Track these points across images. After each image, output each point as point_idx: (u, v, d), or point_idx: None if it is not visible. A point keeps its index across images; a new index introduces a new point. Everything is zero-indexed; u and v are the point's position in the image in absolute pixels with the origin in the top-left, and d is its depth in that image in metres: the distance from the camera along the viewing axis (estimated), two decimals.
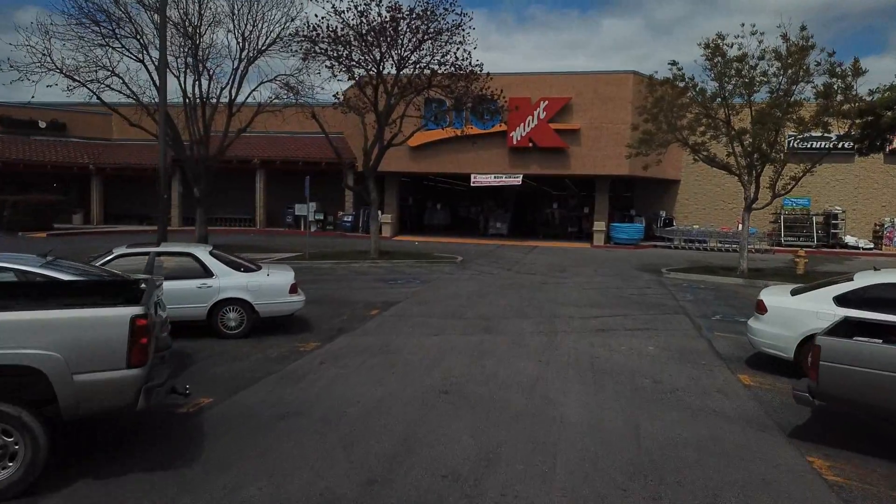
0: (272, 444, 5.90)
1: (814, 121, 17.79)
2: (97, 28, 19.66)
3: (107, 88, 21.27)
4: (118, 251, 9.85)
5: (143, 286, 6.22)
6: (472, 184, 30.49)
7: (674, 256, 26.11)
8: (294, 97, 23.21)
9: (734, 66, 18.01)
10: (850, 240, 30.32)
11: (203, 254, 10.10)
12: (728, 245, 29.36)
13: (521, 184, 30.63)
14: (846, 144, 24.51)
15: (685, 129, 19.45)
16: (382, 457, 5.67)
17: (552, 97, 28.71)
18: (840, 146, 20.49)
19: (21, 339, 4.66)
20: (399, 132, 21.47)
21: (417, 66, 20.67)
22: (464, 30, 20.27)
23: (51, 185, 35.67)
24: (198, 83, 21.91)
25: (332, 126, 28.50)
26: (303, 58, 20.53)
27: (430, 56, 20.56)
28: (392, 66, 20.74)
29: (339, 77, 19.92)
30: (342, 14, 19.60)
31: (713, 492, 5.17)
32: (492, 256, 24.27)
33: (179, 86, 22.24)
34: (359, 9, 19.44)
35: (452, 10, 20.13)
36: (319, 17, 19.38)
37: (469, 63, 20.55)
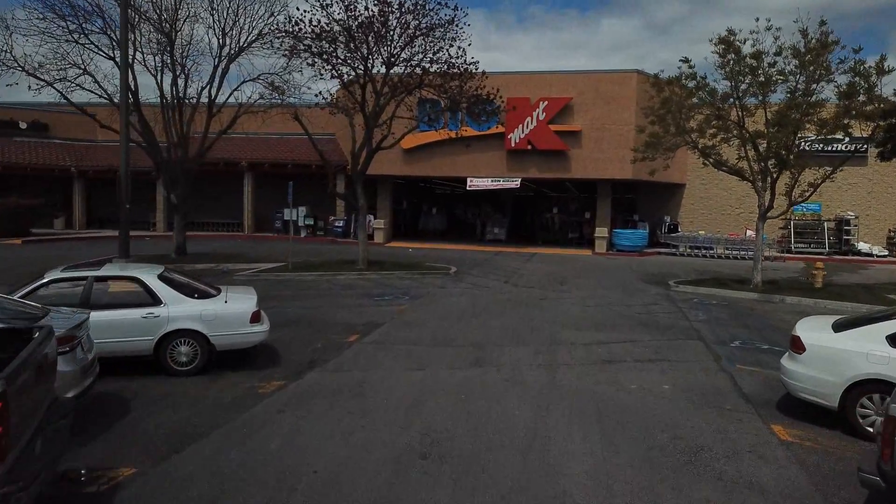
0: None
1: (834, 123, 16.48)
2: (63, 23, 18.34)
3: (78, 88, 19.98)
4: (50, 275, 8.53)
5: (36, 334, 4.92)
6: (469, 188, 29.18)
7: (680, 265, 24.80)
8: (279, 97, 21.93)
9: (749, 64, 16.68)
10: (864, 246, 28.99)
11: (150, 278, 8.77)
12: (736, 252, 28.06)
13: (520, 187, 29.32)
14: (860, 146, 23.26)
15: (694, 132, 18.15)
16: None
17: (552, 97, 27.39)
18: (854, 149, 19.14)
19: None
20: (390, 134, 20.16)
21: (409, 65, 19.36)
22: (458, 26, 18.98)
23: (31, 188, 34.33)
24: (175, 83, 20.60)
25: (323, 127, 27.23)
26: (285, 55, 19.25)
27: (423, 54, 19.28)
28: (381, 65, 19.43)
29: (323, 76, 18.59)
30: (327, 8, 18.30)
31: None
32: (488, 266, 22.95)
33: (157, 85, 20.99)
34: (345, 2, 18.14)
35: (446, 5, 18.83)
36: (302, 11, 18.08)
37: (464, 61, 19.28)
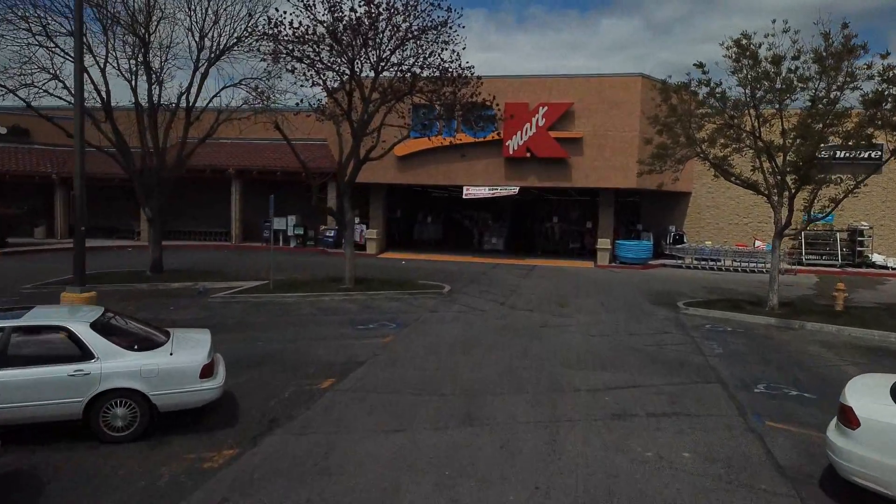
0: None
1: (858, 133, 15.19)
2: (27, 24, 17.02)
3: (46, 94, 18.66)
4: None
5: None
6: (465, 196, 27.88)
7: (687, 280, 23.52)
8: (263, 103, 20.62)
9: (768, 70, 15.38)
10: (878, 258, 27.71)
11: (81, 327, 7.46)
12: (745, 265, 26.80)
13: (519, 192, 28.04)
14: (873, 154, 22.08)
15: (705, 143, 16.87)
16: None
17: (552, 102, 26.10)
18: (880, 157, 17.89)
19: None
20: (379, 143, 18.85)
21: (399, 70, 18.07)
22: (451, 28, 17.68)
23: (11, 196, 32.99)
24: (149, 88, 19.30)
25: (313, 132, 25.90)
26: (264, 60, 17.97)
27: (414, 58, 17.98)
28: (370, 69, 18.13)
29: (304, 84, 17.28)
30: (311, 8, 16.99)
31: None
32: (484, 281, 21.65)
33: (131, 90, 19.67)
34: (329, 2, 16.82)
35: (439, 6, 17.53)
36: (282, 12, 16.76)
37: (459, 65, 17.98)
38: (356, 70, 17.92)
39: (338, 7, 16.85)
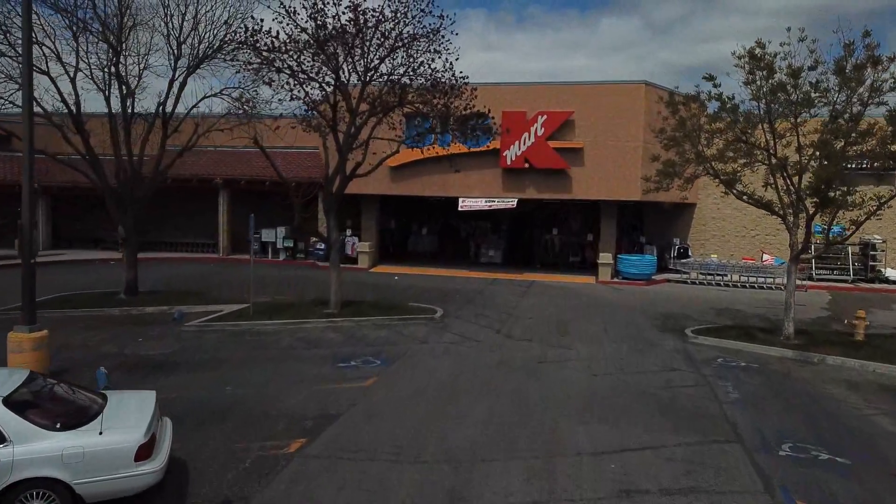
0: None
1: (883, 151, 14.04)
2: None
3: (11, 105, 17.53)
4: None
5: None
6: (461, 208, 26.71)
7: (693, 299, 22.37)
8: (246, 113, 19.47)
9: (784, 82, 14.23)
10: (892, 273, 26.55)
11: None
12: (752, 280, 25.66)
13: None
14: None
15: (715, 159, 15.73)
16: None
17: (551, 111, 24.93)
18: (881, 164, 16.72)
19: None
20: (369, 156, 17.71)
21: (389, 80, 16.93)
22: (444, 36, 16.53)
23: None
24: (122, 98, 18.14)
25: (303, 140, 24.79)
26: (238, 72, 16.87)
27: (404, 67, 16.84)
28: (357, 80, 16.99)
29: (282, 97, 16.09)
30: (293, 15, 15.83)
31: None
32: (480, 301, 20.49)
33: (105, 100, 18.51)
34: (311, 9, 15.64)
35: (430, 13, 16.37)
36: (259, 20, 15.58)
37: (452, 75, 16.84)
38: (342, 79, 16.79)
39: (321, 13, 15.71)
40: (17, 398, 6.55)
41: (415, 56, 16.60)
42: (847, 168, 14.18)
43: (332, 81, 16.59)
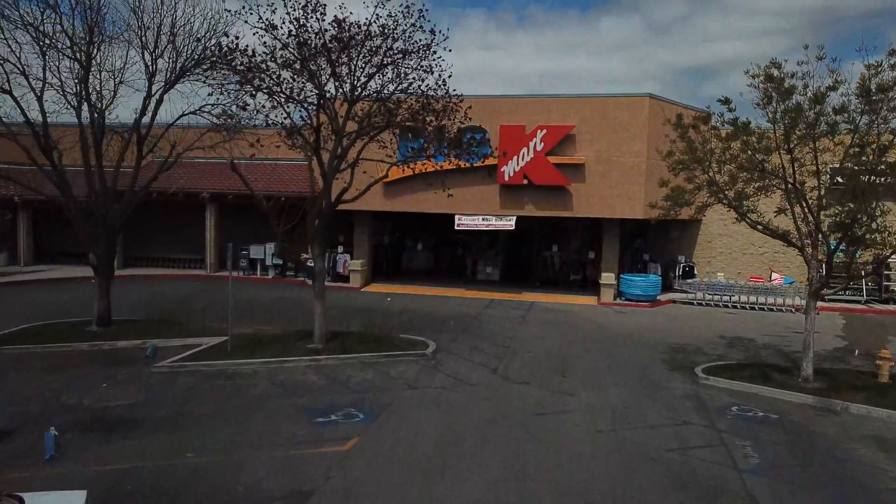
0: None
1: None
2: None
3: None
4: None
5: None
6: (457, 227, 25.56)
7: (700, 323, 21.29)
8: (228, 129, 18.34)
9: (802, 106, 13.11)
10: None
11: None
12: (761, 302, 24.54)
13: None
14: None
15: (727, 188, 14.61)
16: None
17: (551, 125, 23.79)
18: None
19: None
20: (353, 180, 16.61)
21: (378, 98, 15.82)
22: (435, 52, 15.40)
23: None
24: (91, 118, 17.02)
25: (299, 152, 23.64)
26: (211, 93, 15.74)
27: (394, 84, 15.73)
28: (343, 99, 15.86)
29: (257, 124, 14.97)
30: (273, 30, 14.69)
31: None
32: (475, 330, 19.35)
33: (76, 119, 17.39)
34: (297, 22, 14.50)
35: (421, 28, 15.22)
36: (232, 38, 14.43)
37: (446, 93, 15.72)
38: (327, 98, 15.67)
39: (304, 28, 14.57)
40: None
41: (405, 74, 15.50)
42: (874, 205, 12.94)
43: (315, 102, 15.46)
